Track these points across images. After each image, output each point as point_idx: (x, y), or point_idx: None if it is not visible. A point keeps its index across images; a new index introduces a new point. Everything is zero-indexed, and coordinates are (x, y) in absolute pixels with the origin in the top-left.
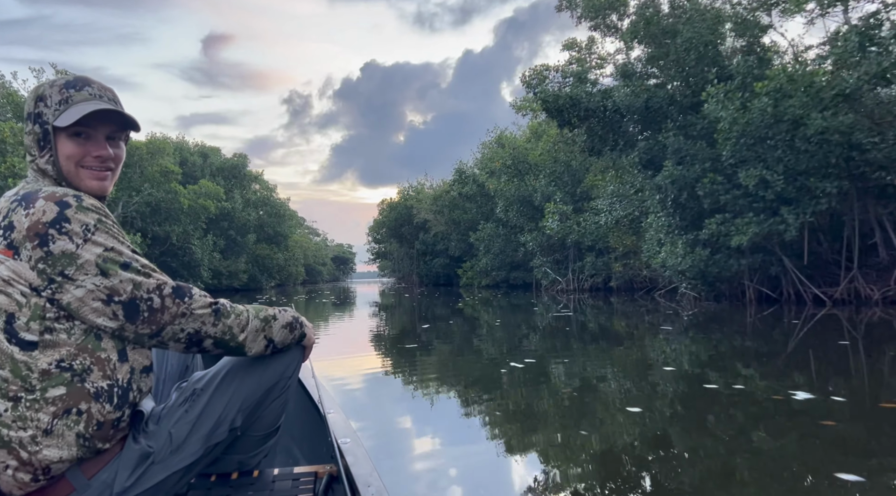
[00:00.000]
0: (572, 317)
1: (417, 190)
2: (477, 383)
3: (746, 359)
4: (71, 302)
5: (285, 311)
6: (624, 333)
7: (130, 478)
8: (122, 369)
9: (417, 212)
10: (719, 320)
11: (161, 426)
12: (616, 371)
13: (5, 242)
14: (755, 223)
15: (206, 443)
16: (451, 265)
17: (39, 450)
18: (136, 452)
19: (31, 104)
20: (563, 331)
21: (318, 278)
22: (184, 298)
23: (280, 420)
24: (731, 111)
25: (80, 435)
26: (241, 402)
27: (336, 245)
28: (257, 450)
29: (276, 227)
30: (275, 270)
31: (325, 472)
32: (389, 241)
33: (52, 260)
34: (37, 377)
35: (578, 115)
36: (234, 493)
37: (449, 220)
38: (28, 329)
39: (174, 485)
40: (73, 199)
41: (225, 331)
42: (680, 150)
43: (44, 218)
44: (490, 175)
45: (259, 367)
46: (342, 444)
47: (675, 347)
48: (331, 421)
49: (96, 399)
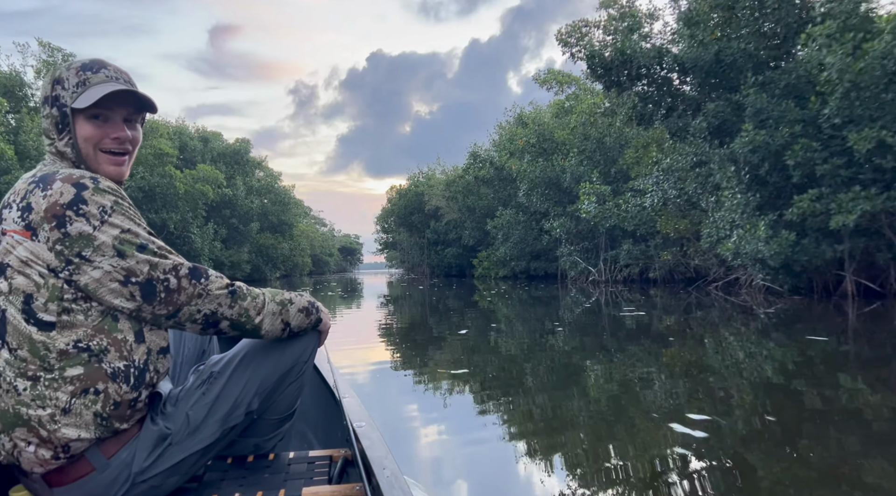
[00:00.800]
0: (636, 317)
1: (428, 176)
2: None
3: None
4: (88, 283)
5: (301, 296)
6: (697, 334)
7: (149, 458)
8: (139, 350)
9: (429, 198)
10: (814, 319)
11: (179, 408)
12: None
13: (24, 223)
14: (865, 198)
15: (222, 426)
16: (464, 255)
17: (58, 428)
18: (154, 433)
19: (47, 87)
20: (628, 329)
21: (324, 269)
22: (200, 279)
23: (296, 404)
24: (841, 56)
25: (98, 414)
26: (257, 386)
27: (343, 235)
28: (273, 433)
29: (280, 215)
30: (279, 261)
31: (340, 456)
32: (398, 231)
33: (70, 241)
34: (55, 357)
35: (630, 74)
36: (249, 476)
37: (463, 206)
38: (46, 309)
39: (191, 466)
40: (90, 181)
41: (241, 313)
42: (762, 110)
43: (61, 199)
44: (510, 156)
45: (275, 351)
46: (357, 428)
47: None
48: (346, 405)
49: (113, 379)
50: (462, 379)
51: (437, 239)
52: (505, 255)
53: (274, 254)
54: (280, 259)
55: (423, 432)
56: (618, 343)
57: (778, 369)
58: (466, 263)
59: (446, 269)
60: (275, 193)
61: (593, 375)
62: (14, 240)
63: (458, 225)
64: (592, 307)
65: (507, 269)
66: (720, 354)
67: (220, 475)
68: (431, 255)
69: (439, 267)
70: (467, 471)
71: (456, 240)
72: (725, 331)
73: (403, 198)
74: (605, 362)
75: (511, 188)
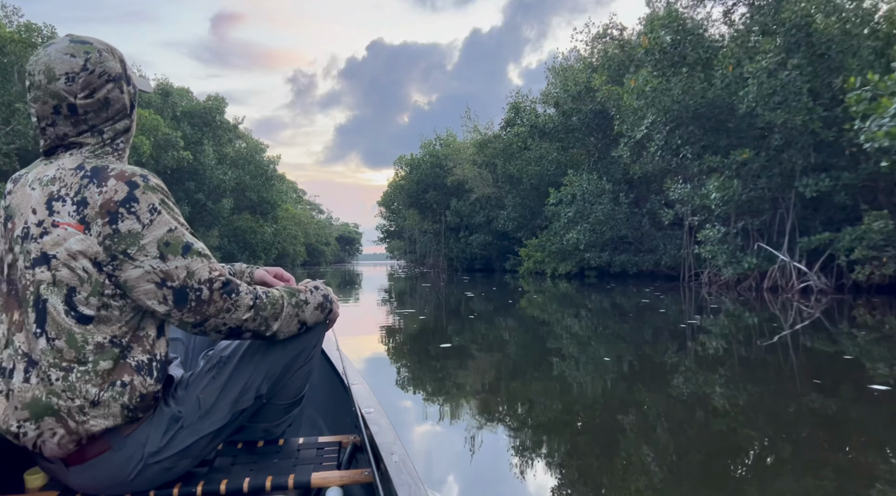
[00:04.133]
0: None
1: (446, 142)
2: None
3: None
4: (127, 280)
5: (316, 290)
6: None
7: (162, 439)
8: (160, 343)
9: (454, 165)
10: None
11: (189, 392)
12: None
13: (78, 217)
14: None
15: (232, 409)
16: (494, 244)
17: (87, 419)
18: (166, 415)
19: (117, 65)
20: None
21: (320, 259)
22: (231, 295)
23: (304, 389)
24: None
25: (125, 406)
26: (266, 370)
27: (342, 224)
28: (282, 418)
29: (261, 191)
30: (260, 247)
31: (349, 442)
32: (407, 214)
33: (119, 238)
34: (91, 350)
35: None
36: (260, 461)
37: (502, 176)
38: (87, 303)
39: (202, 449)
40: (141, 179)
41: (261, 323)
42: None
43: (115, 197)
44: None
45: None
46: (366, 414)
47: None
48: (355, 392)
49: (138, 372)
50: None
51: (459, 223)
52: (575, 243)
53: (252, 240)
54: (261, 246)
55: (429, 423)
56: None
57: None
58: (497, 254)
59: (468, 262)
60: (255, 165)
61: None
62: (67, 232)
63: (489, 203)
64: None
65: (572, 264)
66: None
67: (230, 460)
68: (451, 244)
69: (460, 258)
70: (475, 461)
71: (484, 223)
72: None
73: (416, 170)
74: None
75: (598, 137)
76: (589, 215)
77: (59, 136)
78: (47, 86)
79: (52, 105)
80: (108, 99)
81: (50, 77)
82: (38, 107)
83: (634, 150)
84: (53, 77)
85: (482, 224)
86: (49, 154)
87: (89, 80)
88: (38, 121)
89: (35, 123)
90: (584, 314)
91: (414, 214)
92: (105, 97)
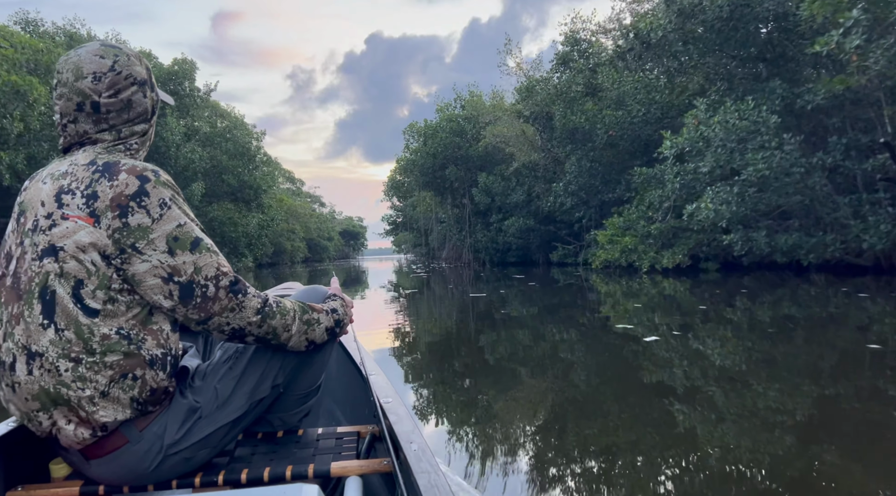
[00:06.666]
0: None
1: (469, 102)
2: None
3: None
4: (135, 274)
5: (332, 313)
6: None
7: (180, 430)
8: (174, 338)
9: (488, 121)
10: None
11: (207, 382)
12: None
13: (88, 210)
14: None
15: (250, 399)
16: (539, 230)
17: (96, 410)
18: (183, 406)
19: (143, 71)
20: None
21: (322, 255)
22: (237, 295)
23: (320, 378)
24: None
25: (135, 399)
26: (282, 360)
27: (345, 218)
28: (299, 408)
29: (240, 174)
30: (242, 242)
31: (368, 432)
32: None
33: (128, 231)
34: (98, 340)
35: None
36: (279, 450)
37: (563, 131)
38: (94, 296)
39: (221, 439)
40: (152, 174)
41: (268, 332)
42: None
43: (126, 190)
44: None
45: None
46: (384, 404)
47: None
48: (373, 382)
49: (151, 366)
50: None
51: (490, 204)
52: (713, 217)
53: (232, 234)
54: (244, 240)
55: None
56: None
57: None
58: (540, 243)
59: (501, 254)
60: (234, 143)
61: None
62: (77, 224)
63: (532, 174)
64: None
65: (683, 252)
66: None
67: (250, 450)
68: (477, 232)
69: (489, 250)
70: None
71: (523, 203)
72: None
73: (432, 140)
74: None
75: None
76: (740, 170)
77: (78, 134)
78: (74, 83)
79: (77, 102)
80: (130, 101)
81: (77, 75)
82: (63, 103)
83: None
84: (81, 75)
85: (521, 204)
86: (66, 151)
87: (115, 80)
88: (60, 117)
89: (57, 120)
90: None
91: (428, 198)
92: (128, 99)
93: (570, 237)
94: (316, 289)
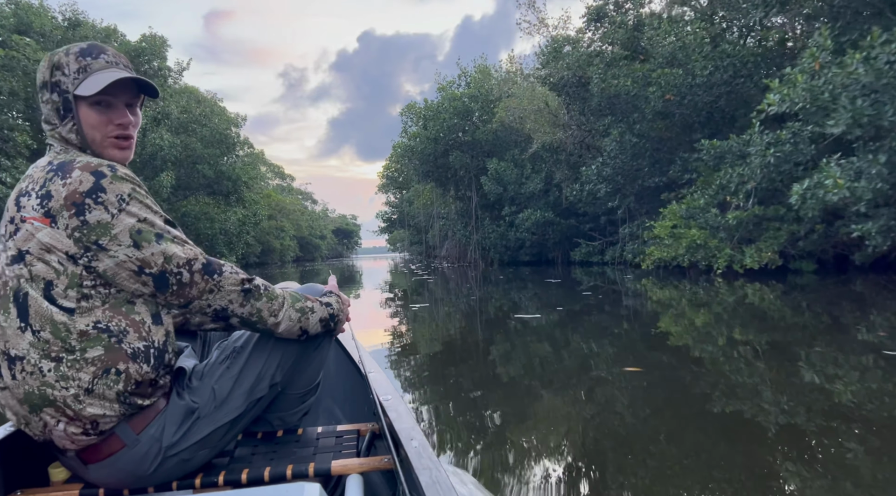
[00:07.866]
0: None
1: (474, 81)
2: None
3: None
4: (106, 270)
5: (328, 306)
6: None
7: (178, 432)
8: (158, 332)
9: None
10: None
11: (204, 382)
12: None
13: (43, 211)
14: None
15: (248, 398)
16: (559, 224)
17: (83, 407)
18: (181, 408)
19: (46, 73)
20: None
21: (314, 254)
22: (213, 275)
23: (318, 377)
24: None
25: (121, 393)
26: (279, 359)
27: (338, 216)
28: (298, 407)
29: (217, 164)
30: (221, 240)
31: (368, 430)
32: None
33: (88, 229)
34: (76, 338)
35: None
36: (279, 450)
37: (603, 99)
38: (66, 296)
39: (220, 439)
40: (108, 169)
41: (252, 313)
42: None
43: (80, 188)
44: None
45: None
46: (384, 401)
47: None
48: (372, 380)
49: (133, 359)
50: None
51: (501, 194)
52: (826, 203)
53: (209, 231)
54: (221, 238)
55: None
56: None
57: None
58: (559, 240)
59: (513, 252)
60: (210, 130)
61: None
62: (34, 226)
63: (553, 158)
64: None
65: (769, 249)
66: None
67: (250, 450)
68: (485, 227)
69: (499, 247)
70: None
71: (541, 193)
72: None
73: (433, 122)
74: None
75: None
76: (887, 134)
77: (48, 138)
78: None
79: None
80: (47, 104)
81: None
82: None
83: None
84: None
85: (538, 194)
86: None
87: (39, 86)
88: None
89: None
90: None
91: (428, 190)
92: (45, 102)
93: (595, 232)
94: (313, 286)
